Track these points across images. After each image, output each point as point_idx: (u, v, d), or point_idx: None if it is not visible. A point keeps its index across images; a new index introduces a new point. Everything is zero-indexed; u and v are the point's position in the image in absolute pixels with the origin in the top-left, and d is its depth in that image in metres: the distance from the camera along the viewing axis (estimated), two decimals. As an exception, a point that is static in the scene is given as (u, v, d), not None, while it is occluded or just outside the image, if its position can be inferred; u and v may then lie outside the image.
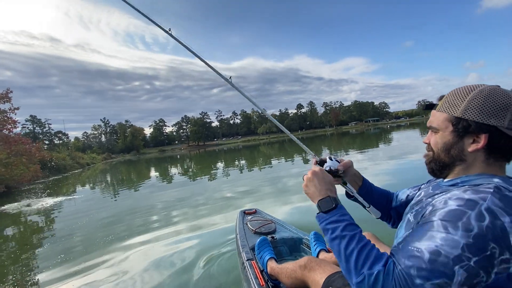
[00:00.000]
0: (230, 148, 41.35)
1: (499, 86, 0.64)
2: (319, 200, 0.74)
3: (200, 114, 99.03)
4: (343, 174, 0.93)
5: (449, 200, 0.59)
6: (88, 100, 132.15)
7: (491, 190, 0.57)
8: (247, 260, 1.77)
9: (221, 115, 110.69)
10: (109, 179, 13.93)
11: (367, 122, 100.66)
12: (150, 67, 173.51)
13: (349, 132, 46.13)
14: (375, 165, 7.08)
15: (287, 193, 4.90)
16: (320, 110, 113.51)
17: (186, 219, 3.98)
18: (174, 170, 14.24)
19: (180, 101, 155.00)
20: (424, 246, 0.55)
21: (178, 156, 35.21)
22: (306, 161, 10.35)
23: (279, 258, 1.93)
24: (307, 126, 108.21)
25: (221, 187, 6.59)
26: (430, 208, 0.62)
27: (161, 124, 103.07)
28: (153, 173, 13.98)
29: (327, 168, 0.88)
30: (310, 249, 1.84)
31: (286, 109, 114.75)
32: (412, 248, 0.56)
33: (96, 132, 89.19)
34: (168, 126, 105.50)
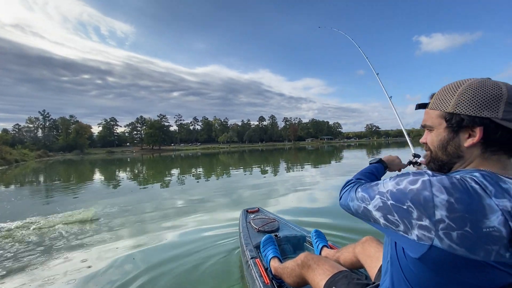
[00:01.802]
0: (188, 154, 39.91)
1: (489, 79, 0.62)
2: (374, 159, 1.07)
3: (158, 116, 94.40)
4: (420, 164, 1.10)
5: None
6: (24, 88, 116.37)
7: (451, 175, 0.56)
8: (251, 258, 1.76)
9: (181, 120, 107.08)
10: (42, 179, 12.13)
11: (322, 140, 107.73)
12: (104, 61, 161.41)
13: (305, 148, 48.45)
14: (326, 180, 7.48)
15: (242, 203, 4.83)
16: (281, 124, 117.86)
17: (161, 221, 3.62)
18: (123, 174, 13.07)
19: (135, 101, 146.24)
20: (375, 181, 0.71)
21: (129, 159, 32.64)
22: (264, 172, 10.49)
23: (283, 256, 1.94)
24: (267, 139, 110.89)
25: (172, 195, 6.23)
26: None
27: (112, 123, 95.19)
28: (98, 176, 12.63)
29: (414, 160, 1.11)
30: (312, 246, 1.87)
31: (249, 120, 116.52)
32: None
33: (31, 126, 78.17)
34: (120, 126, 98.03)
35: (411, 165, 1.10)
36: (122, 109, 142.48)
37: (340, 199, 0.82)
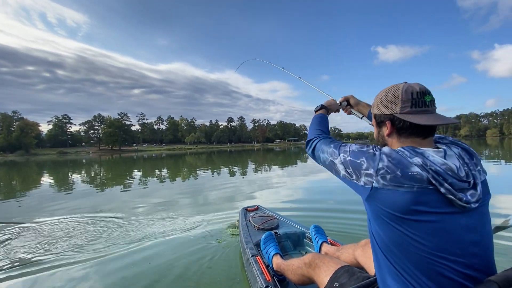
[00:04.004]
0: (152, 155, 38.03)
1: (405, 82, 0.84)
2: (316, 107, 1.36)
3: (119, 114, 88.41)
4: (348, 105, 1.43)
5: None
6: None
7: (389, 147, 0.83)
8: (252, 256, 1.77)
9: (144, 118, 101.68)
10: (-26, 185, 10.45)
11: (289, 141, 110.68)
12: (52, 52, 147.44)
13: (273, 149, 49.32)
14: (292, 181, 7.59)
15: (208, 205, 4.68)
16: (249, 125, 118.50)
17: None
18: (77, 177, 11.89)
19: (91, 97, 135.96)
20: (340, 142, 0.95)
21: (84, 160, 29.97)
22: (232, 174, 10.37)
23: (284, 253, 1.99)
24: (236, 140, 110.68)
25: (134, 199, 5.82)
26: None
27: (65, 121, 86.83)
28: (47, 180, 11.32)
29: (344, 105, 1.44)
30: (312, 242, 1.90)
31: (217, 120, 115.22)
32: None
33: (-38, 122, 67.58)
34: (75, 125, 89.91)
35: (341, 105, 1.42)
36: (75, 105, 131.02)
37: (313, 149, 1.03)
